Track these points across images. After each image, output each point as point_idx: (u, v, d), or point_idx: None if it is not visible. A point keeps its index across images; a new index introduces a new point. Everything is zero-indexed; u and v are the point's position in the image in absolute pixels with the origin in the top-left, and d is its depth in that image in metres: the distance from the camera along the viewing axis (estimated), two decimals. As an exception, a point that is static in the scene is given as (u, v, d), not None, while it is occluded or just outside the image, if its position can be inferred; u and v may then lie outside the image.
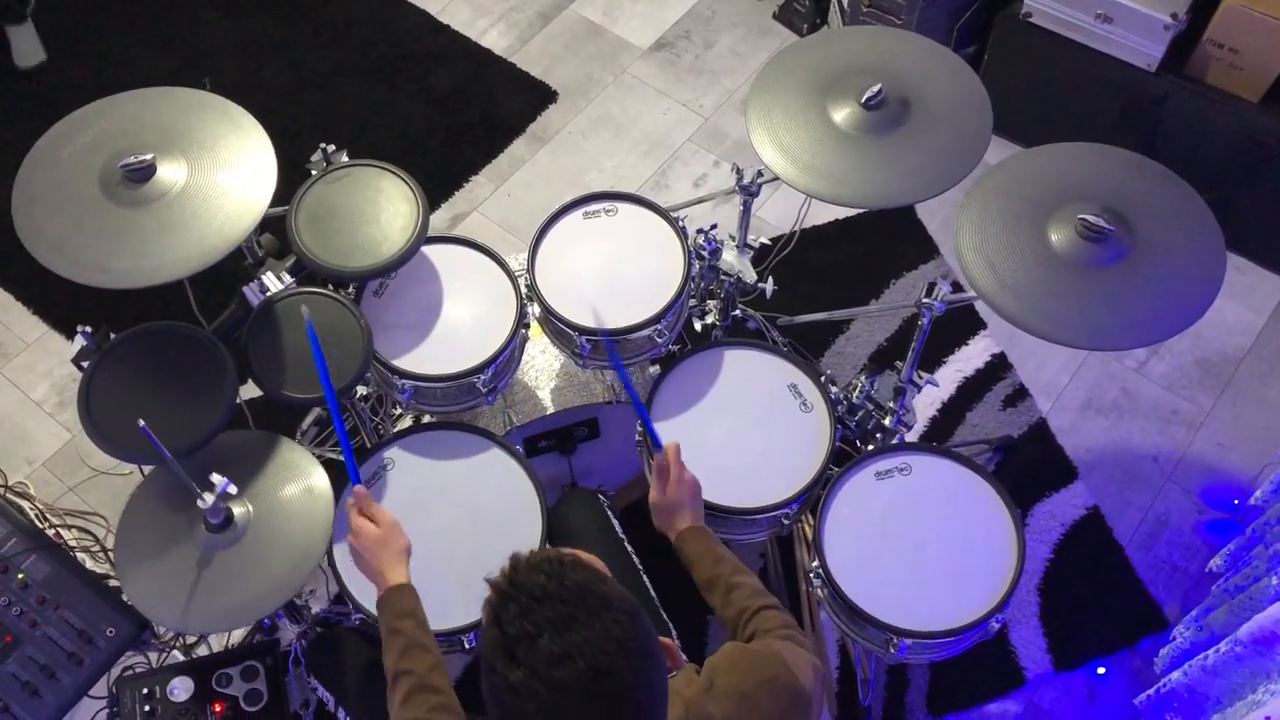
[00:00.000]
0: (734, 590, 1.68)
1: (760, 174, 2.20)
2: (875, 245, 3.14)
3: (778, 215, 3.12)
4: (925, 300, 2.09)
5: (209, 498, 1.78)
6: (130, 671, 2.14)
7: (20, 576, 2.14)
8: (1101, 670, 2.51)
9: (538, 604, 1.12)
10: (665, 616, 1.96)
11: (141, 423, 1.64)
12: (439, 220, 3.16)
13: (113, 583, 2.32)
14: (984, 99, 2.11)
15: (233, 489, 1.79)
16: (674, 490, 1.77)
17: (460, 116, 3.38)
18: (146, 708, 1.99)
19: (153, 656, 2.38)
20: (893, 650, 1.93)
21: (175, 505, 1.86)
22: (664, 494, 1.78)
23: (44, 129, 1.97)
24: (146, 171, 1.87)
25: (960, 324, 2.98)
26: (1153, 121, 2.95)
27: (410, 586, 1.67)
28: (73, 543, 2.61)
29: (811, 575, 2.03)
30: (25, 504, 2.65)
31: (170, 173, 1.89)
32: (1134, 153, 2.04)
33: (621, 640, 1.11)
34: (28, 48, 3.42)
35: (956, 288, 2.12)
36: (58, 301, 3.02)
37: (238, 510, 1.86)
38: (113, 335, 1.96)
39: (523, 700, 1.10)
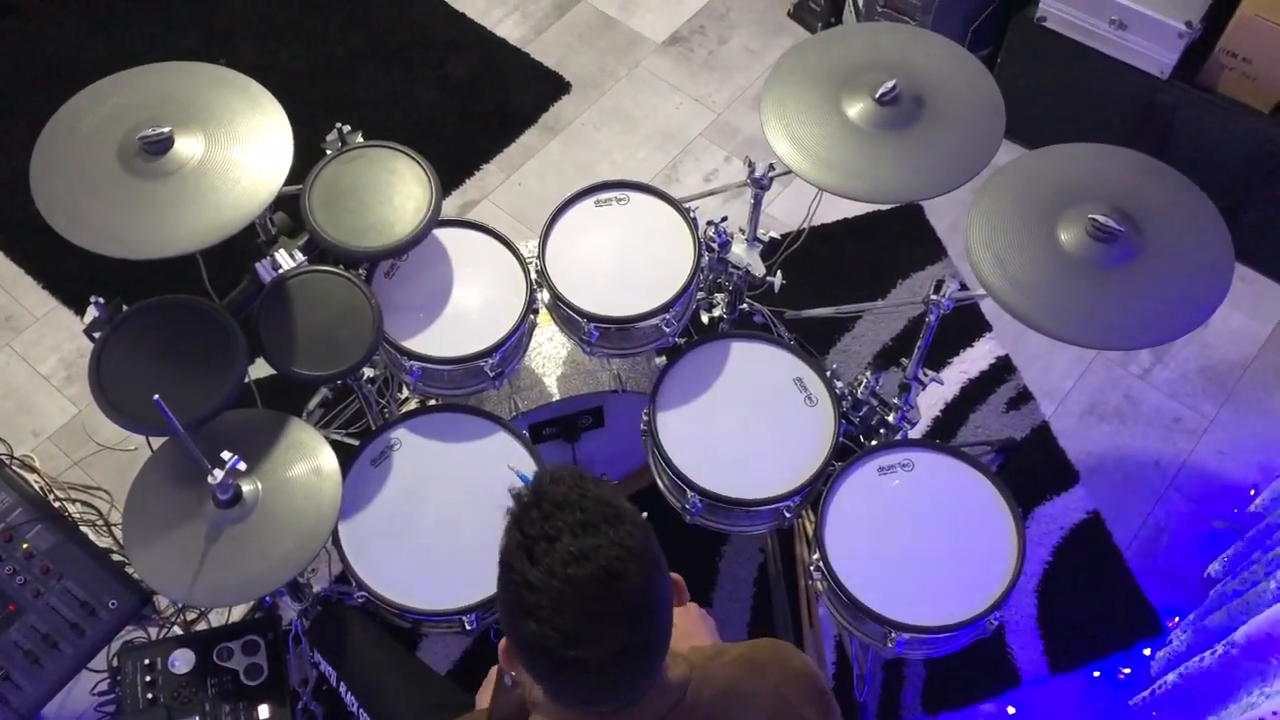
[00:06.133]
0: None
1: (772, 167, 2.21)
2: (883, 245, 3.15)
3: (787, 213, 3.13)
4: (933, 297, 2.10)
5: (218, 473, 1.78)
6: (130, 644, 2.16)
7: (25, 546, 2.15)
8: (1096, 674, 2.52)
9: (559, 510, 1.16)
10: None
11: (156, 396, 1.64)
12: (449, 208, 3.17)
13: (115, 557, 2.33)
14: (998, 99, 2.11)
15: (242, 465, 1.79)
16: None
17: (474, 105, 3.39)
18: (148, 678, 2.00)
19: (152, 632, 2.40)
20: (890, 644, 1.94)
21: (184, 480, 1.87)
22: None
23: (62, 103, 1.97)
24: (164, 144, 1.88)
25: (965, 326, 2.99)
26: (1164, 129, 2.96)
27: None
28: (76, 516, 2.62)
29: (812, 568, 2.04)
30: (31, 476, 2.66)
31: (188, 146, 1.90)
32: (1145, 155, 2.05)
33: (634, 548, 1.15)
34: None
35: (964, 288, 2.12)
36: (69, 277, 3.03)
37: (246, 487, 1.87)
38: (125, 307, 1.97)
39: (538, 595, 1.14)
